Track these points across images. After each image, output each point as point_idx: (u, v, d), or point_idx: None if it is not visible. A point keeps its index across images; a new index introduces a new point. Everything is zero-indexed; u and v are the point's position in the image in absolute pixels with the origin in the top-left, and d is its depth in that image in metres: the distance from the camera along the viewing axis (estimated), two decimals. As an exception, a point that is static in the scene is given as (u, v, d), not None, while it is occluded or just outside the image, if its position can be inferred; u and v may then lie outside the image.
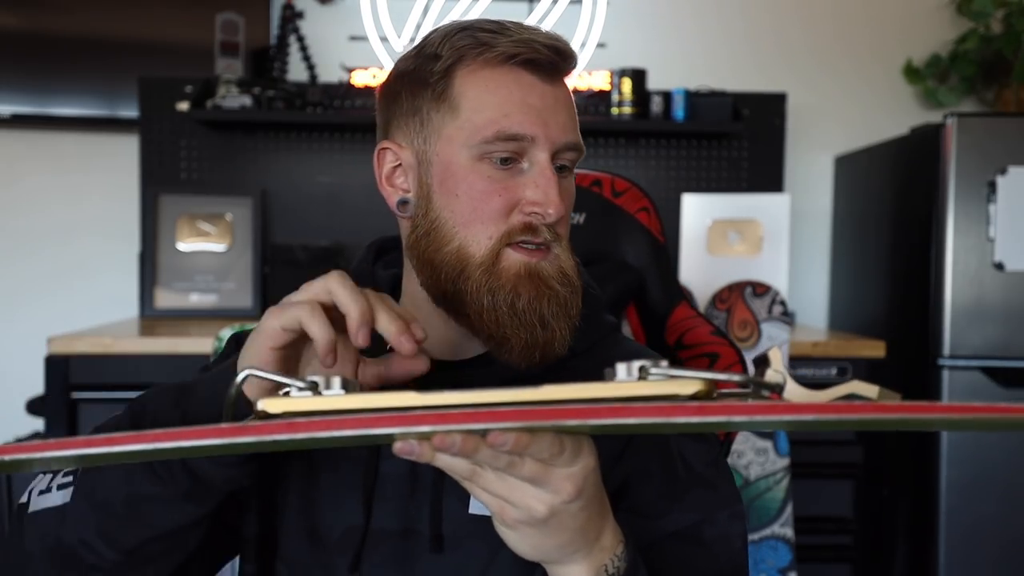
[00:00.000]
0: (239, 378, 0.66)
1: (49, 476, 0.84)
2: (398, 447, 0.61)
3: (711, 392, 0.59)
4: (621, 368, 0.60)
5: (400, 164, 0.89)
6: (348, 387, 0.62)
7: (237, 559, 0.94)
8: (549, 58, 0.84)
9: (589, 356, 0.91)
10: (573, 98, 0.89)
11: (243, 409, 0.68)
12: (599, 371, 0.90)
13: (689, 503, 0.87)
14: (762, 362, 0.61)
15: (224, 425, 0.57)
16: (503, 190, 0.84)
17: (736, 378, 0.60)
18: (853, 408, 0.55)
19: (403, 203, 0.89)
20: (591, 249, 1.00)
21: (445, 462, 0.63)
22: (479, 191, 0.84)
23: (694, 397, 0.58)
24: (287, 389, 0.62)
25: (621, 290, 1.15)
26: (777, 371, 0.60)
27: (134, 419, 0.82)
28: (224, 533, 0.90)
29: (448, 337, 0.88)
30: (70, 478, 0.82)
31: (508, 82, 0.84)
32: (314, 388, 0.61)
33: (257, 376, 0.65)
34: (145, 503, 0.77)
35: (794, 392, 0.60)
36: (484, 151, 0.83)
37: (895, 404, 0.54)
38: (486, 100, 0.83)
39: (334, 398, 0.61)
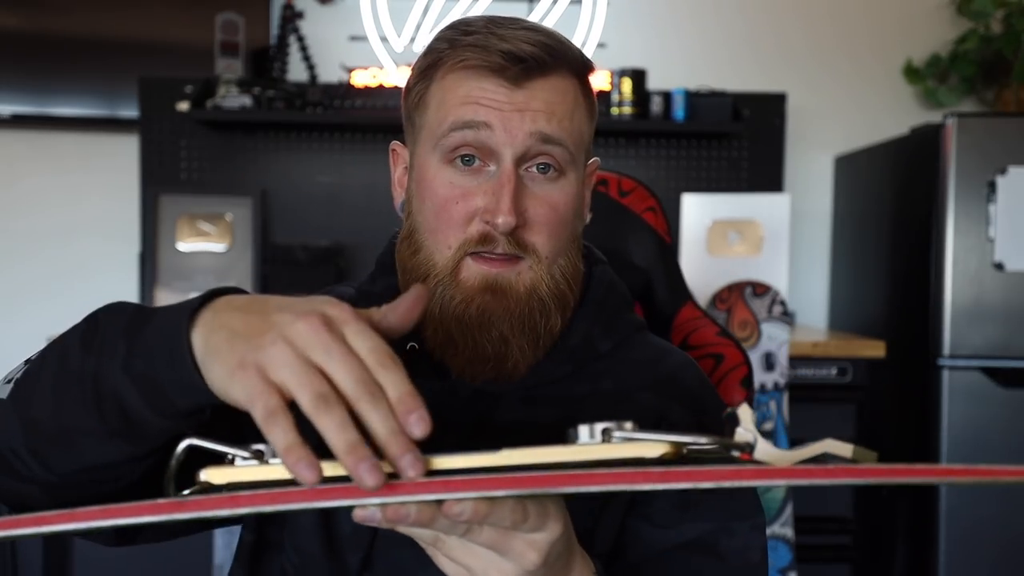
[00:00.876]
0: (178, 450, 0.59)
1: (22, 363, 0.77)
2: (359, 515, 0.58)
3: (679, 452, 0.57)
4: (583, 430, 0.57)
5: (406, 166, 0.89)
6: None
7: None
8: (502, 65, 0.80)
9: (613, 356, 0.90)
10: (567, 97, 0.83)
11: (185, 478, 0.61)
12: (624, 371, 0.89)
13: (704, 512, 0.84)
14: (731, 420, 0.58)
15: (161, 501, 0.54)
16: (462, 196, 0.81)
17: (703, 440, 0.57)
18: (825, 472, 0.53)
19: (402, 205, 0.89)
20: (597, 248, 0.99)
21: (406, 529, 0.60)
22: (441, 197, 0.81)
23: (660, 460, 0.56)
24: (231, 456, 0.58)
25: (627, 289, 1.15)
26: (747, 430, 0.58)
27: (85, 338, 0.68)
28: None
29: None
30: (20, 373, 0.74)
31: (473, 84, 0.81)
32: (259, 457, 0.58)
33: (197, 446, 0.59)
34: (75, 433, 0.67)
35: (765, 452, 0.57)
36: (444, 148, 0.81)
37: (868, 468, 0.52)
38: (447, 100, 0.82)
39: (280, 467, 0.56)
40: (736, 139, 3.01)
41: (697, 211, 2.80)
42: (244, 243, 2.85)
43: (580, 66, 0.85)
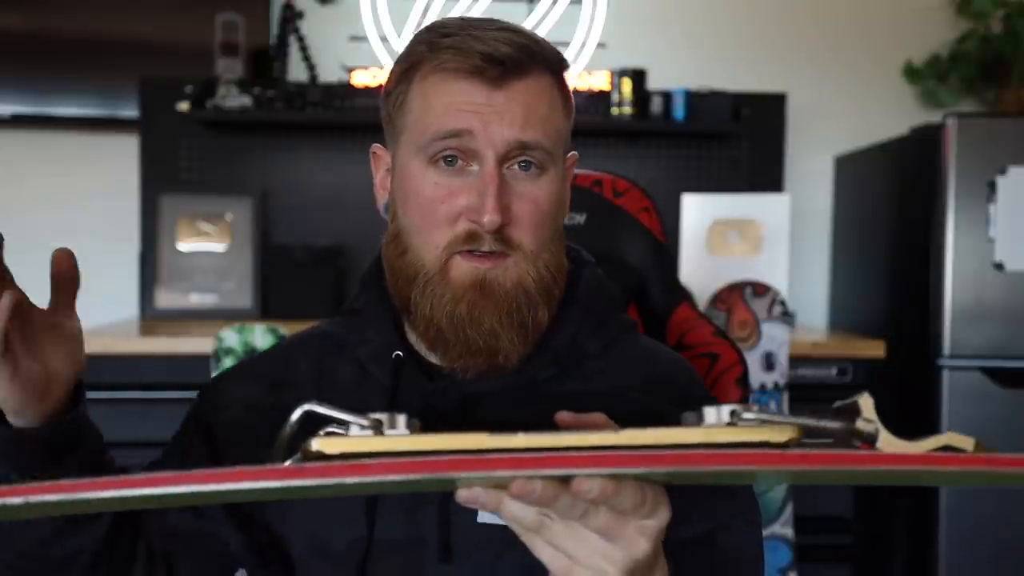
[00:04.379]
0: (296, 414, 0.59)
1: None
2: (463, 495, 0.57)
3: (801, 438, 0.55)
4: (710, 412, 0.56)
5: (388, 168, 0.90)
6: (412, 427, 0.57)
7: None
8: (482, 67, 0.81)
9: (603, 356, 0.90)
10: (546, 97, 0.84)
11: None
12: (614, 371, 0.89)
13: (703, 511, 0.85)
14: (852, 409, 0.57)
15: (281, 465, 0.52)
16: (447, 197, 0.82)
17: (834, 425, 0.56)
18: (958, 460, 0.51)
19: (386, 207, 0.90)
20: (591, 250, 0.99)
21: (513, 512, 0.59)
22: (426, 198, 0.83)
23: (786, 444, 0.54)
24: (330, 429, 0.56)
25: (620, 290, 1.15)
26: (869, 420, 0.56)
27: None
28: (213, 549, 0.90)
29: None
30: None
31: (450, 87, 0.82)
32: (377, 427, 0.56)
33: (317, 413, 0.58)
34: None
35: (888, 442, 0.55)
36: (429, 153, 0.83)
37: (999, 457, 0.51)
38: (429, 104, 0.83)
39: (398, 439, 0.55)
40: (736, 139, 3.01)
41: (697, 211, 2.80)
42: (244, 243, 2.85)
43: (556, 64, 0.86)
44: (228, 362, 1.83)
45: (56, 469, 0.78)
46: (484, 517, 0.83)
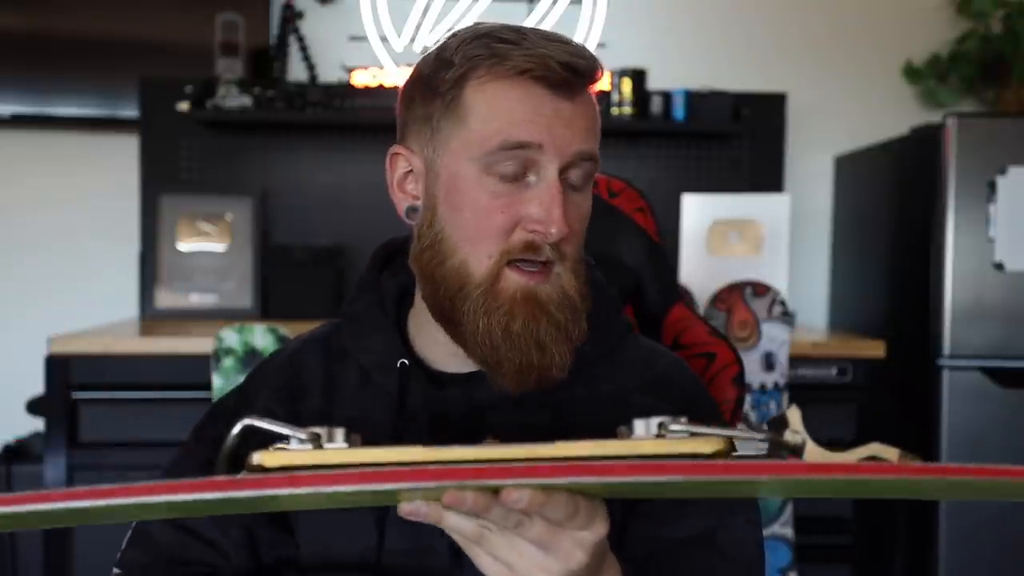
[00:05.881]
0: (237, 428, 0.60)
1: None
2: (404, 509, 0.58)
3: (730, 450, 0.56)
4: (639, 424, 0.57)
5: (411, 170, 0.87)
6: (351, 441, 0.58)
7: None
8: (561, 76, 0.80)
9: (606, 360, 0.91)
10: (597, 109, 0.85)
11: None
12: (617, 374, 0.90)
13: (703, 509, 0.85)
14: (780, 422, 0.58)
15: (220, 477, 0.53)
16: (506, 206, 0.80)
17: (758, 436, 0.57)
18: (866, 469, 0.52)
19: (412, 210, 0.87)
20: (587, 250, 0.99)
21: (452, 523, 0.60)
22: (482, 207, 0.81)
23: (714, 455, 0.55)
24: (279, 444, 0.58)
25: (617, 291, 1.15)
26: (796, 431, 0.57)
27: None
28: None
29: (456, 349, 0.86)
30: None
31: (518, 95, 0.80)
32: (316, 440, 0.57)
33: (256, 427, 0.59)
34: None
35: (814, 452, 0.56)
36: (489, 163, 0.80)
37: (922, 466, 0.52)
38: (494, 112, 0.80)
39: (336, 452, 0.57)
40: (736, 139, 3.01)
41: (697, 211, 2.80)
42: (244, 243, 2.85)
43: (599, 80, 0.86)
44: (228, 362, 1.83)
45: None
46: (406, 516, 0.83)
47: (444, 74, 0.82)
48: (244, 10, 2.82)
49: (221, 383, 1.81)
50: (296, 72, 2.91)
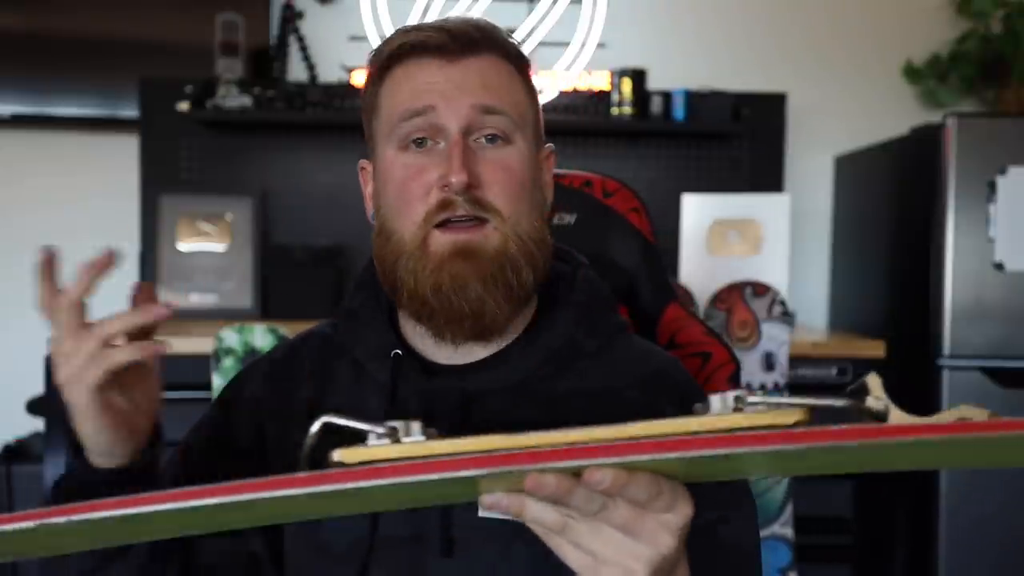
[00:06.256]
0: (315, 426, 0.59)
1: None
2: (486, 501, 0.57)
3: (811, 421, 0.54)
4: (715, 400, 0.55)
5: (372, 179, 0.93)
6: (427, 434, 0.58)
7: None
8: (440, 41, 0.86)
9: (598, 356, 0.91)
10: (501, 68, 0.88)
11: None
12: (610, 370, 0.90)
13: (705, 501, 0.86)
14: (861, 390, 0.56)
15: (303, 474, 0.52)
16: (418, 173, 0.85)
17: (839, 403, 0.55)
18: (972, 427, 0.50)
19: (375, 215, 0.93)
20: (582, 250, 1.00)
21: (535, 513, 0.58)
22: (400, 179, 0.86)
23: (794, 426, 0.53)
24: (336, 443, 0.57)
25: (612, 291, 1.15)
26: (878, 398, 0.55)
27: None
28: (242, 553, 0.91)
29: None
30: None
31: (410, 72, 0.87)
32: (393, 435, 0.57)
33: (335, 424, 0.59)
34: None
35: (899, 418, 0.55)
36: (399, 139, 0.86)
37: (1015, 420, 0.49)
38: (395, 93, 0.88)
39: (414, 445, 0.56)
40: (736, 139, 3.01)
41: (697, 211, 2.80)
42: (244, 243, 2.85)
43: (513, 51, 0.90)
44: (228, 362, 1.83)
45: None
46: (485, 511, 0.84)
47: (367, 84, 0.92)
48: (244, 10, 2.82)
49: (221, 383, 1.80)
50: (296, 72, 2.91)
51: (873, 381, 0.56)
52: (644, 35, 3.04)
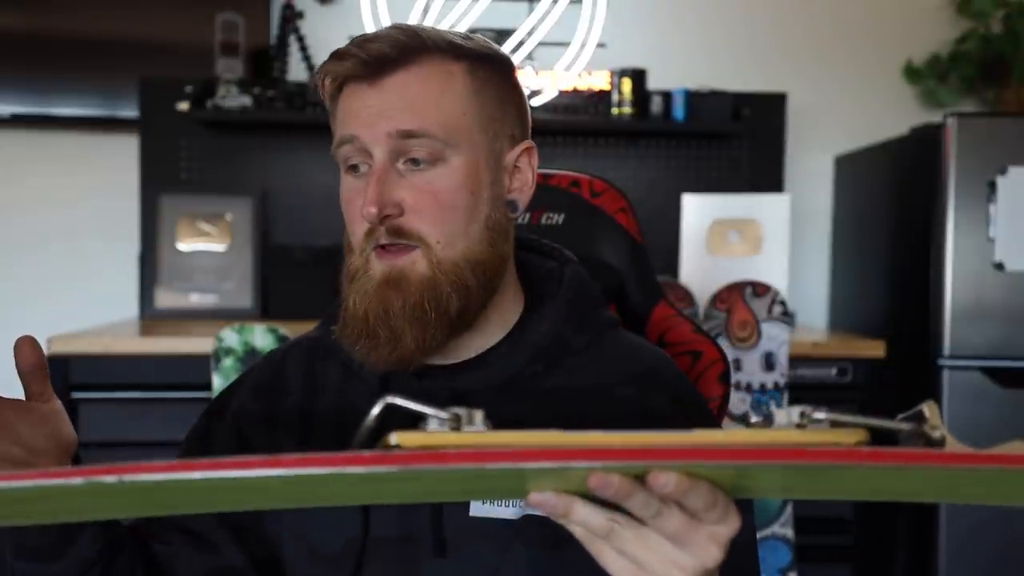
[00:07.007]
0: (377, 408, 0.58)
1: None
2: (535, 499, 0.56)
3: (871, 442, 0.53)
4: (779, 413, 0.55)
5: None
6: (488, 426, 0.57)
7: None
8: (357, 70, 0.84)
9: (587, 352, 0.91)
10: (421, 86, 0.84)
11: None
12: (600, 367, 0.90)
13: None
14: (917, 417, 0.56)
15: (366, 452, 0.51)
16: (354, 198, 0.86)
17: (902, 427, 0.55)
18: None
19: None
20: (570, 250, 1.00)
21: (582, 516, 0.57)
22: (344, 202, 0.88)
23: (856, 446, 0.53)
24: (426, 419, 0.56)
25: (601, 290, 1.16)
26: (935, 427, 0.55)
27: None
28: (216, 567, 0.91)
29: None
30: None
31: (343, 98, 0.87)
32: (455, 422, 0.56)
33: (398, 405, 0.57)
34: None
35: (954, 448, 0.54)
36: (341, 161, 0.87)
37: None
38: (337, 116, 0.88)
39: (475, 434, 0.55)
40: (736, 139, 3.01)
41: (697, 211, 2.80)
42: (244, 243, 2.85)
43: (451, 50, 0.86)
44: (228, 362, 1.83)
45: (70, 548, 0.82)
46: (476, 511, 0.84)
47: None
48: (244, 10, 2.82)
49: (221, 383, 1.81)
50: (296, 72, 2.91)
51: (931, 409, 0.55)
52: (644, 35, 3.04)
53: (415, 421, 0.56)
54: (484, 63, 0.87)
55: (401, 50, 0.84)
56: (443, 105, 0.84)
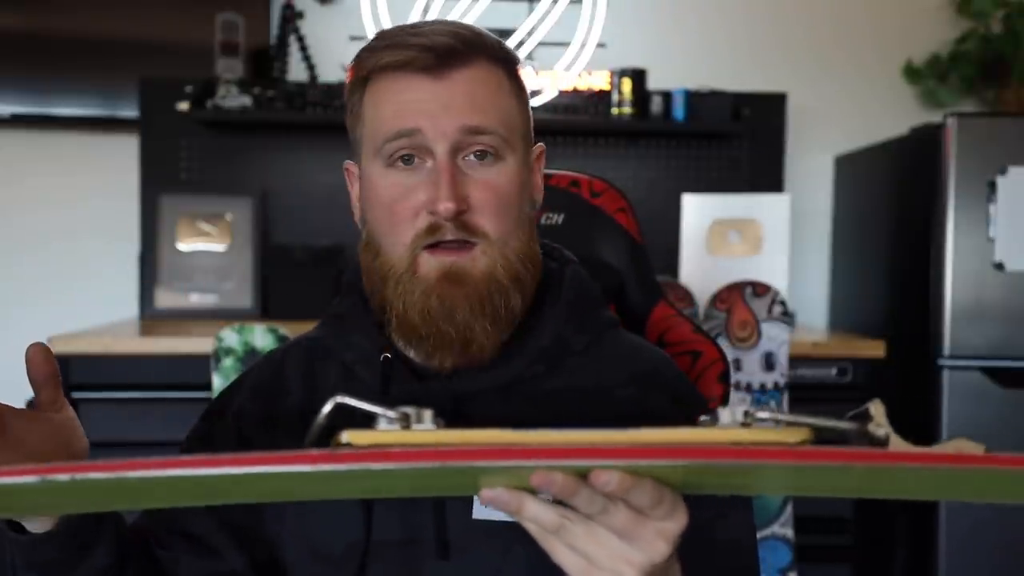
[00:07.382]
0: (328, 406, 0.59)
1: None
2: (486, 495, 0.57)
3: (815, 441, 0.55)
4: (724, 413, 0.56)
5: (358, 182, 0.92)
6: (437, 424, 0.58)
7: None
8: (429, 61, 0.83)
9: (588, 353, 0.91)
10: (488, 82, 0.86)
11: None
12: (600, 367, 0.90)
13: (700, 500, 0.86)
14: (863, 416, 0.57)
15: (315, 451, 0.52)
16: (406, 194, 0.84)
17: (845, 426, 0.57)
18: (968, 459, 0.50)
19: (362, 219, 0.92)
20: (570, 250, 1.00)
21: (532, 512, 0.59)
22: (388, 199, 0.85)
23: (800, 445, 0.54)
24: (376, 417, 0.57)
25: (601, 290, 1.16)
26: (879, 425, 0.56)
27: None
28: (218, 571, 0.91)
29: None
30: None
31: (397, 87, 0.84)
32: (404, 421, 0.57)
33: (347, 405, 0.58)
34: None
35: (898, 446, 0.55)
36: (385, 156, 0.85)
37: (1007, 456, 0.50)
38: (380, 108, 0.85)
39: (424, 433, 0.56)
40: (736, 139, 3.01)
41: (697, 211, 2.80)
42: (244, 243, 2.85)
43: (501, 54, 0.87)
44: (228, 362, 1.83)
45: (87, 562, 0.81)
46: (479, 513, 0.84)
47: (351, 88, 0.89)
48: (244, 10, 2.82)
49: (221, 383, 1.81)
50: (296, 72, 2.91)
51: (876, 408, 0.57)
52: (644, 35, 3.04)
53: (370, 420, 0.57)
54: (516, 65, 0.89)
55: (467, 45, 0.84)
56: (499, 104, 0.86)
